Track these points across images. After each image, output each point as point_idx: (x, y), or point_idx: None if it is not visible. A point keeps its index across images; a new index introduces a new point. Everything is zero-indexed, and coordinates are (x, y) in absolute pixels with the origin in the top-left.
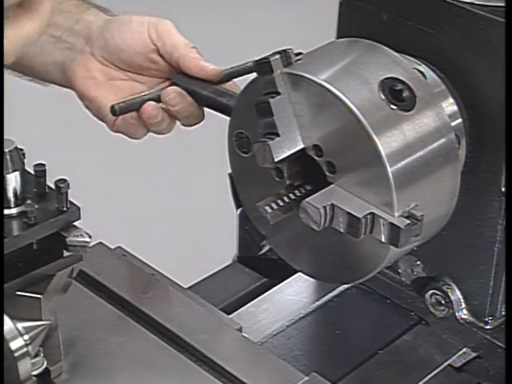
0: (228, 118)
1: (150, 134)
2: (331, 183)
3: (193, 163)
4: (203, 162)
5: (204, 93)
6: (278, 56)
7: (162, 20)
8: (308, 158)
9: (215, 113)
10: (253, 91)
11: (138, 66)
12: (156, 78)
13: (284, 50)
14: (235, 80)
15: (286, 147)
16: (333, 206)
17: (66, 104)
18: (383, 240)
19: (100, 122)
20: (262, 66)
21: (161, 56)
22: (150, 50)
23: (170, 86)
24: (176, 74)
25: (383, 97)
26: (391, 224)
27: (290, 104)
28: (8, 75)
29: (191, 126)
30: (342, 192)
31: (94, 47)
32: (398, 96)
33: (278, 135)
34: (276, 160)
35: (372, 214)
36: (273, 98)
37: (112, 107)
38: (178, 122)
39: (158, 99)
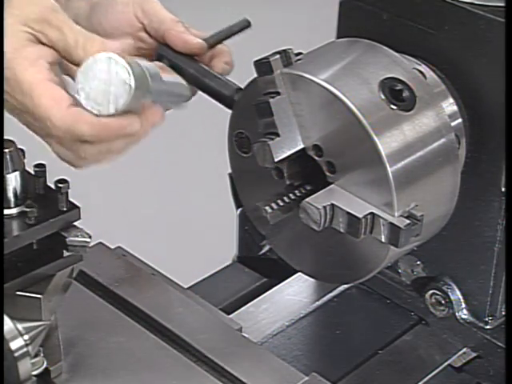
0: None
1: (149, 134)
2: (331, 183)
3: (193, 163)
4: (203, 162)
5: (190, 70)
6: (277, 56)
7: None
8: (308, 158)
9: (215, 112)
10: (253, 91)
11: (128, 45)
12: (148, 56)
13: (284, 50)
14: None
15: (285, 147)
16: (333, 205)
17: None
18: (383, 240)
19: None
20: (262, 66)
21: (148, 34)
22: (137, 29)
23: (156, 59)
24: (163, 44)
25: (383, 97)
26: (391, 224)
27: (289, 104)
28: None
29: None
30: (341, 192)
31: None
32: (398, 96)
33: (278, 135)
34: (276, 160)
35: (372, 214)
36: (273, 97)
37: None
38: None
39: None
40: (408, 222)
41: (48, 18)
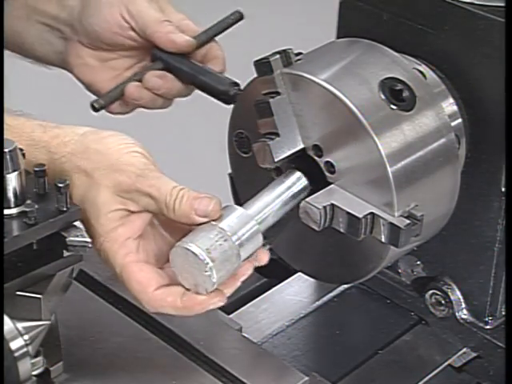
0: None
1: (149, 134)
2: (331, 183)
3: (193, 163)
4: (203, 162)
5: (184, 69)
6: (277, 56)
7: None
8: (308, 158)
9: (215, 112)
10: (253, 91)
11: (121, 45)
12: (143, 50)
13: (284, 50)
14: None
15: (286, 147)
16: (333, 206)
17: (65, 104)
18: (383, 240)
19: (100, 124)
20: (262, 66)
21: (137, 33)
22: (126, 29)
23: (151, 61)
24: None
25: (383, 97)
26: (391, 224)
27: (289, 104)
28: (9, 76)
29: (183, 97)
30: (341, 192)
31: (78, 35)
32: (398, 96)
33: (277, 135)
34: (276, 160)
35: (372, 214)
36: (273, 97)
37: (91, 105)
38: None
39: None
40: (408, 221)
41: (137, 187)
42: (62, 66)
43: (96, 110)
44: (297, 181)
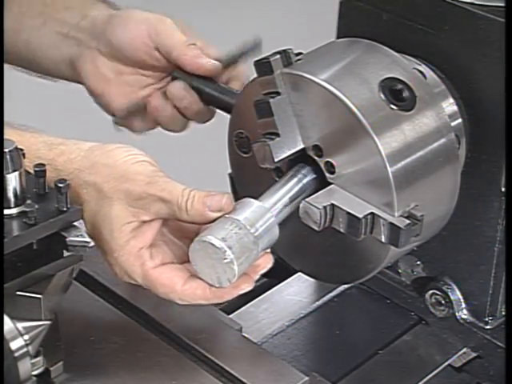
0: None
1: (150, 134)
2: (331, 183)
3: (193, 163)
4: (203, 162)
5: (206, 90)
6: (278, 56)
7: (162, 18)
8: (308, 158)
9: (215, 112)
10: (252, 91)
11: (142, 61)
12: (161, 72)
13: (284, 50)
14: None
15: (285, 147)
16: (333, 206)
17: (66, 108)
18: (383, 240)
19: (100, 125)
20: (262, 66)
21: (161, 53)
22: (150, 48)
23: (171, 80)
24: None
25: (383, 97)
26: (391, 224)
27: (290, 104)
28: (11, 74)
29: (202, 122)
30: (341, 192)
31: (99, 43)
32: (398, 96)
33: (277, 135)
34: (276, 160)
35: (372, 214)
36: (273, 97)
37: (114, 122)
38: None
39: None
40: (408, 222)
41: (148, 193)
42: (71, 78)
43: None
44: (308, 173)
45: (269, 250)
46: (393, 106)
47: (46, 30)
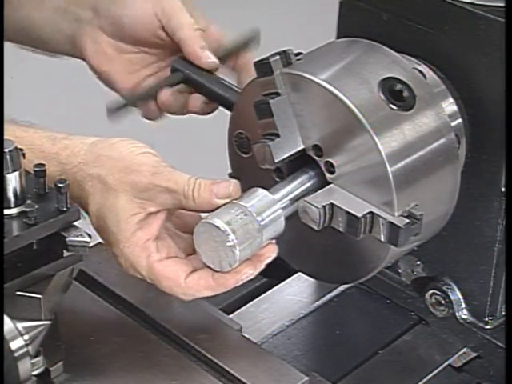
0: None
1: (149, 135)
2: (331, 183)
3: (193, 163)
4: (203, 162)
5: (206, 84)
6: (277, 57)
7: None
8: (308, 158)
9: (215, 113)
10: (252, 91)
11: (146, 41)
12: (165, 50)
13: (284, 51)
14: None
15: (286, 148)
16: (332, 205)
17: (66, 103)
18: (383, 239)
19: (100, 125)
20: (262, 67)
21: (166, 32)
22: (155, 27)
23: (171, 72)
24: (178, 57)
25: (383, 97)
26: (390, 223)
27: (289, 104)
28: (11, 74)
29: (205, 114)
30: (341, 191)
31: (101, 20)
32: (398, 96)
33: (278, 136)
34: (276, 161)
35: (371, 213)
36: (273, 98)
37: (118, 106)
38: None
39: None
40: (407, 221)
41: (154, 184)
42: (73, 54)
43: (119, 108)
44: (319, 171)
45: (274, 241)
46: (392, 106)
47: (46, 5)
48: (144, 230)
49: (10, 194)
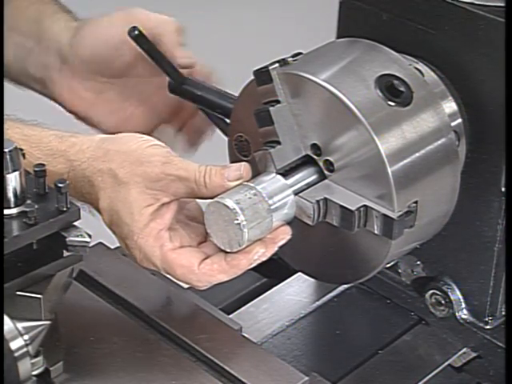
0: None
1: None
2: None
3: None
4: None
5: (202, 94)
6: (277, 65)
7: (132, 9)
8: (309, 159)
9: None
10: (250, 94)
11: (124, 65)
12: (143, 77)
13: (283, 59)
14: None
15: (287, 155)
16: (326, 199)
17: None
18: (377, 232)
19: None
20: (262, 75)
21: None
22: (128, 43)
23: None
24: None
25: (380, 94)
26: (384, 216)
27: (289, 109)
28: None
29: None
30: (335, 186)
31: (70, 64)
32: (395, 92)
33: (279, 143)
34: (278, 168)
35: (365, 206)
36: (273, 106)
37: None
38: None
39: None
40: (401, 212)
41: (165, 173)
42: (39, 91)
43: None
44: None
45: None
46: (390, 103)
47: (10, 41)
48: (157, 221)
49: (10, 194)
